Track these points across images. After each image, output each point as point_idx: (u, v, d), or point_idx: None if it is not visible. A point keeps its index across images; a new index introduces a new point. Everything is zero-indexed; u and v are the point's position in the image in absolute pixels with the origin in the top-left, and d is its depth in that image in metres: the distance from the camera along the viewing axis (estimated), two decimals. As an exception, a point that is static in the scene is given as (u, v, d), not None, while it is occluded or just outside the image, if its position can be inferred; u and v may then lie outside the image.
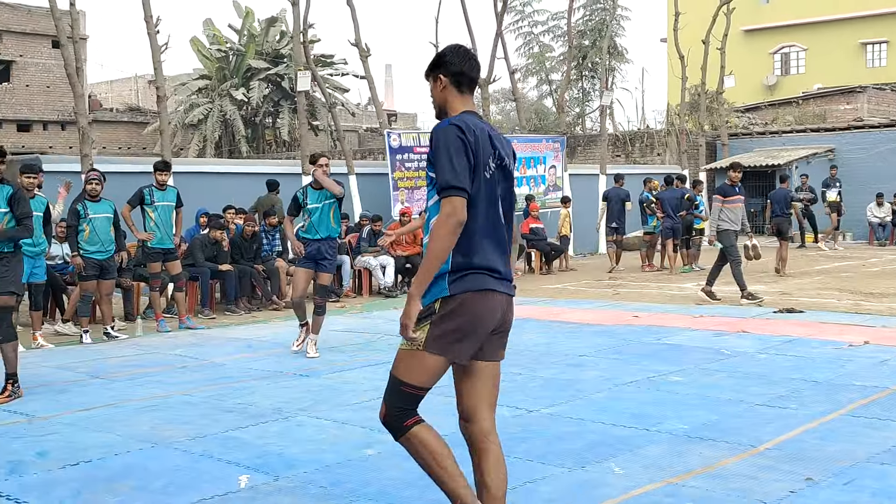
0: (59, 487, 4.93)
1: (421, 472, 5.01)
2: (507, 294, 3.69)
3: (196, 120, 37.92)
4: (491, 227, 3.65)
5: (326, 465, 5.30)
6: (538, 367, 8.33)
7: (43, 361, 8.94)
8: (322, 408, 6.78)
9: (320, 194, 9.10)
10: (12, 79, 35.72)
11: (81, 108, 14.77)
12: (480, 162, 3.57)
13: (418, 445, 3.69)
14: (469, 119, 3.64)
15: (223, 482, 5.02)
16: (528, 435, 5.94)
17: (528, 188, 21.53)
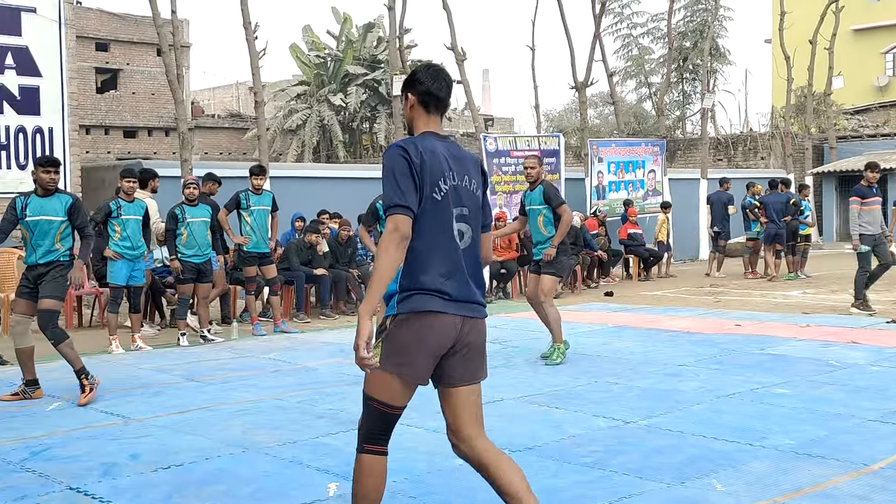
0: (151, 491, 4.95)
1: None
2: (461, 315, 3.62)
3: (294, 125, 38.47)
4: (442, 249, 3.61)
5: (416, 475, 5.21)
6: (635, 376, 8.10)
7: (140, 363, 9.09)
8: (413, 415, 6.65)
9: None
10: (119, 87, 36.82)
11: (182, 115, 15.07)
12: (427, 182, 3.55)
13: (361, 472, 3.66)
14: (423, 140, 3.64)
15: (312, 489, 4.96)
16: (624, 447, 5.74)
17: (626, 193, 21.16)
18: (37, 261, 7.40)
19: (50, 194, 7.45)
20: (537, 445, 5.80)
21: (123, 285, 9.85)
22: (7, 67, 13.23)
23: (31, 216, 7.37)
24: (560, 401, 7.11)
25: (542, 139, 20.47)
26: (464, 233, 3.67)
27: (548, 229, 8.77)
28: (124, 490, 4.97)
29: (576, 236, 16.10)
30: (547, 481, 5.06)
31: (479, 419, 3.80)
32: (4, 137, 13.20)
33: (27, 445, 5.94)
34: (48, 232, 7.39)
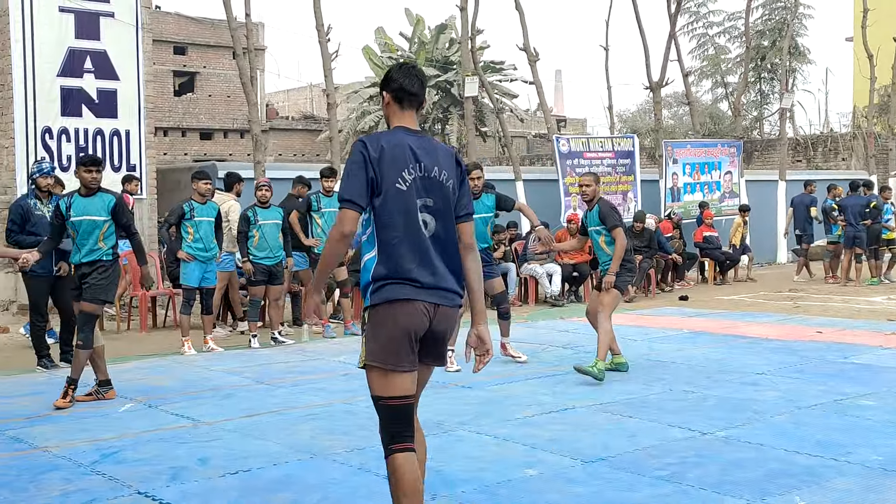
0: (218, 497, 4.92)
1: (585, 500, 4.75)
2: (432, 303, 3.74)
3: (367, 127, 38.62)
4: (409, 238, 3.74)
5: (485, 485, 5.09)
6: (711, 384, 7.86)
7: (212, 365, 9.13)
8: (483, 422, 6.57)
9: (478, 204, 8.88)
10: (196, 89, 37.41)
11: (255, 117, 15.18)
12: (387, 174, 3.70)
13: (393, 475, 3.74)
14: (390, 134, 3.83)
15: (379, 498, 4.86)
16: (701, 460, 5.54)
17: (701, 195, 20.73)
18: (80, 260, 7.43)
19: (93, 193, 7.46)
20: (610, 456, 5.63)
21: (196, 287, 9.93)
22: (86, 71, 13.47)
23: (76, 216, 7.39)
24: (633, 409, 6.92)
25: (616, 140, 20.17)
26: (427, 222, 3.78)
27: (611, 249, 8.29)
28: (192, 495, 4.94)
29: (649, 239, 15.83)
30: (620, 494, 4.90)
31: (419, 395, 3.96)
32: (83, 140, 13.44)
33: (98, 447, 5.97)
34: (92, 232, 7.41)
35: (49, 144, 13.14)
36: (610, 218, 8.22)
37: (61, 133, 13.27)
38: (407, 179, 3.74)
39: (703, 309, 13.58)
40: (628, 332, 10.91)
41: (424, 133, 3.93)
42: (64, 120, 13.30)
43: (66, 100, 13.29)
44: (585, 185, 8.40)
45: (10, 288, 12.87)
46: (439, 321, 3.79)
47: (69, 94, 13.32)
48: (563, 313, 13.17)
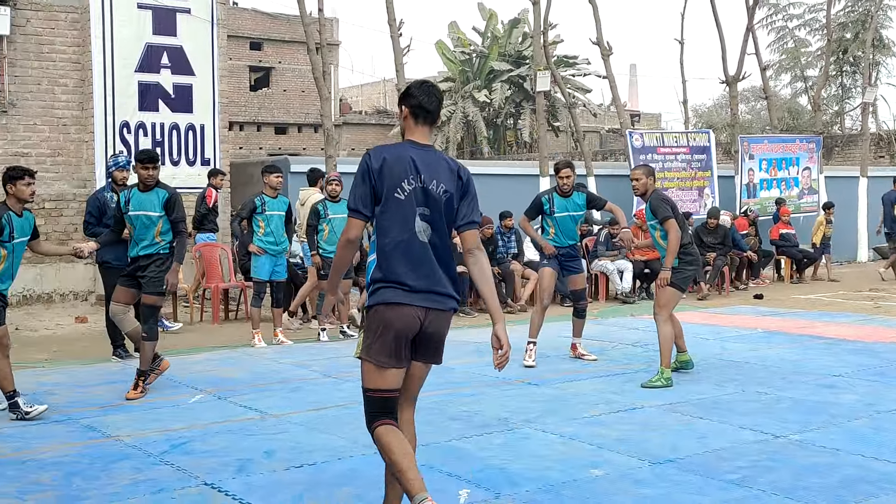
0: (283, 490, 4.93)
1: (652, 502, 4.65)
2: (423, 307, 3.99)
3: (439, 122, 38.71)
4: (404, 244, 4.00)
5: (550, 485, 5.02)
6: (786, 386, 7.66)
7: (281, 358, 9.20)
8: (549, 420, 6.50)
9: (569, 203, 8.78)
10: (271, 84, 37.86)
11: (327, 112, 15.27)
12: (387, 184, 3.99)
13: (380, 445, 4.01)
14: (395, 147, 4.10)
15: (442, 496, 4.82)
16: (773, 464, 5.39)
17: (778, 191, 20.28)
18: (138, 253, 7.49)
19: (150, 189, 7.53)
20: (679, 458, 5.51)
21: (266, 280, 10.02)
22: (163, 67, 13.68)
23: (133, 211, 7.47)
24: (704, 410, 6.77)
25: (691, 135, 19.84)
26: (424, 230, 4.04)
27: (666, 243, 7.94)
28: (257, 488, 4.97)
29: (724, 236, 15.53)
30: (689, 498, 4.79)
31: (414, 392, 4.23)
32: (160, 134, 13.66)
33: (168, 437, 6.05)
34: (148, 227, 7.47)
35: (127, 138, 13.38)
36: (660, 210, 7.83)
37: (138, 127, 13.51)
38: (406, 189, 4.01)
39: (778, 308, 13.27)
40: (700, 330, 10.71)
41: (431, 147, 4.17)
42: (141, 114, 13.54)
43: (143, 95, 13.53)
44: (635, 178, 8.06)
45: (89, 279, 13.16)
46: (430, 323, 4.03)
47: (146, 89, 13.55)
48: (634, 310, 12.99)
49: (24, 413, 6.55)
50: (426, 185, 4.04)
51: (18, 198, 6.78)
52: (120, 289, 7.67)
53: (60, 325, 11.64)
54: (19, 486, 5.05)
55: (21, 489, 4.98)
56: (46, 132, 13.46)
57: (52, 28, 13.45)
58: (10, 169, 6.92)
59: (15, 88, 13.19)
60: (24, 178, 6.79)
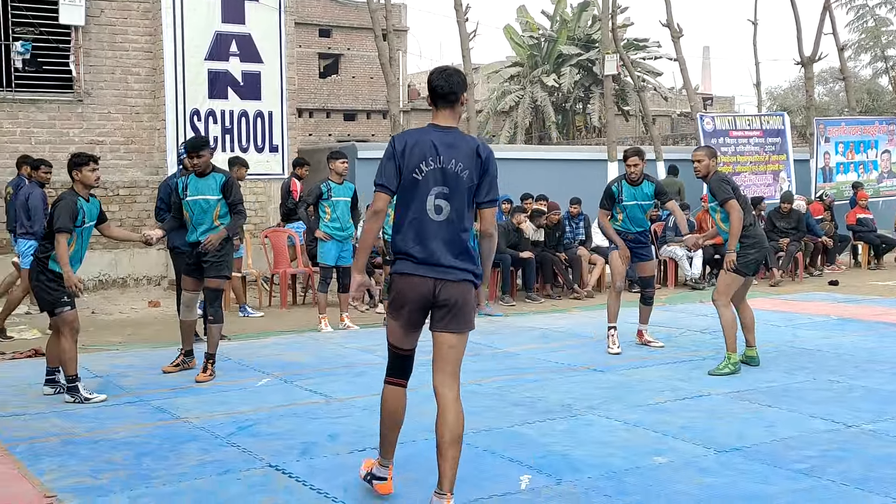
0: (345, 473, 4.99)
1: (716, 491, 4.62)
2: (431, 277, 4.34)
3: (507, 107, 38.60)
4: (417, 220, 4.36)
5: (613, 472, 4.99)
6: (860, 374, 7.50)
7: (347, 342, 9.29)
8: (613, 407, 6.46)
9: (637, 191, 8.70)
10: (340, 71, 38.16)
11: (394, 98, 15.34)
12: (407, 166, 4.33)
13: (382, 398, 4.60)
14: (417, 132, 4.44)
15: (503, 481, 4.85)
16: (844, 454, 5.28)
17: (855, 175, 19.80)
18: (197, 238, 7.62)
19: (206, 175, 7.62)
20: (745, 446, 5.43)
21: (332, 265, 10.11)
22: (232, 55, 13.87)
23: (191, 196, 7.59)
24: (773, 398, 6.66)
25: (764, 118, 19.48)
26: (442, 207, 4.35)
27: (727, 226, 7.73)
28: (320, 470, 5.04)
29: (798, 221, 15.22)
30: (754, 487, 4.72)
31: (448, 364, 4.43)
32: (229, 121, 13.86)
33: (235, 420, 6.16)
34: (207, 211, 7.59)
35: (197, 126, 13.61)
36: (720, 191, 7.57)
37: (208, 115, 13.72)
38: (424, 170, 4.33)
39: (854, 295, 12.98)
40: (772, 317, 10.53)
41: (454, 129, 4.44)
42: (211, 102, 13.75)
43: (212, 82, 13.73)
44: (697, 160, 7.80)
45: (162, 264, 13.43)
46: (440, 292, 4.35)
47: (216, 76, 13.75)
48: (703, 297, 12.78)
49: (83, 398, 6.69)
50: (445, 166, 4.34)
51: (84, 183, 6.91)
52: (186, 278, 7.82)
53: (134, 309, 11.92)
54: (93, 465, 5.19)
55: (94, 468, 5.13)
56: (120, 120, 13.75)
57: (124, 18, 13.72)
58: (76, 155, 7.06)
59: (90, 78, 13.50)
60: (89, 163, 6.92)
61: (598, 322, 10.52)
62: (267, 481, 4.89)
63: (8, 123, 13.09)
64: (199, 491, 4.74)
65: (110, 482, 4.88)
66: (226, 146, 13.73)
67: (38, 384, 7.07)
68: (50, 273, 6.75)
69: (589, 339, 9.37)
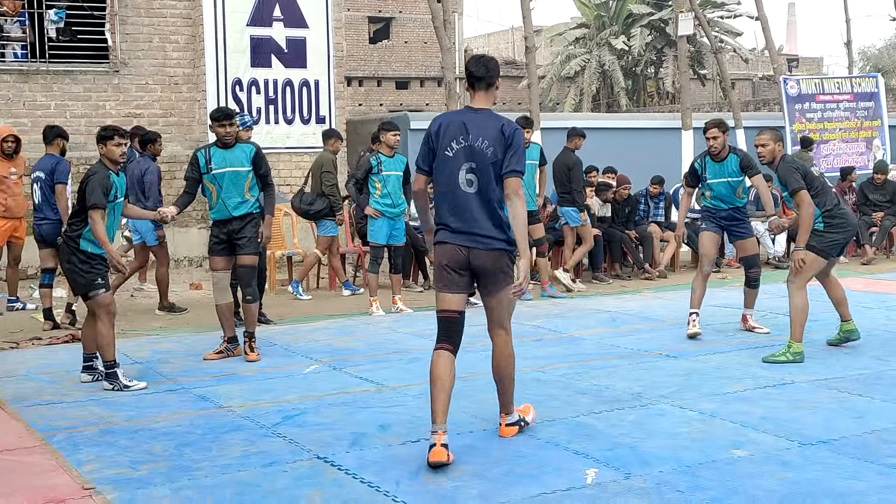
0: (398, 466, 5.02)
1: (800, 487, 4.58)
2: (464, 245, 5.15)
3: (573, 72, 38.32)
4: (449, 193, 5.20)
5: (686, 466, 4.95)
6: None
7: (399, 327, 9.34)
8: (687, 396, 6.41)
9: (722, 167, 8.57)
10: (392, 36, 38.18)
11: (449, 63, 15.33)
12: (441, 144, 5.20)
13: (431, 365, 5.18)
14: (452, 113, 5.42)
15: (567, 475, 4.85)
16: None
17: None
18: (231, 214, 7.71)
19: (231, 146, 7.72)
20: (833, 439, 5.36)
21: (384, 244, 10.15)
22: (275, 20, 13.97)
23: (217, 168, 7.66)
24: (864, 387, 6.56)
25: (856, 81, 19.10)
26: (472, 181, 5.16)
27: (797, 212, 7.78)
28: (371, 463, 5.08)
29: (892, 193, 14.90)
30: (843, 483, 4.66)
31: (493, 319, 5.38)
32: (272, 91, 13.99)
33: (281, 409, 6.23)
34: (237, 183, 7.68)
35: (239, 96, 13.76)
36: (791, 181, 7.46)
37: (251, 84, 13.86)
38: (454, 148, 5.16)
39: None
40: (863, 298, 10.35)
41: (486, 110, 5.24)
42: (253, 71, 13.88)
43: (255, 50, 13.85)
44: (762, 144, 7.73)
45: (203, 244, 13.62)
46: (474, 259, 5.16)
47: (258, 43, 13.87)
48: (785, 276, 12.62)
49: (122, 386, 6.80)
50: (472, 144, 5.14)
51: (110, 158, 6.97)
52: (217, 258, 7.88)
53: (175, 292, 12.06)
54: (132, 455, 5.29)
55: (134, 459, 5.23)
56: (158, 91, 13.95)
57: (162, -18, 13.90)
58: (102, 129, 7.15)
59: (126, 47, 13.71)
60: (114, 137, 6.98)
61: (671, 304, 10.46)
62: (315, 473, 4.94)
63: (42, 97, 13.36)
64: (243, 483, 4.80)
65: (150, 473, 4.98)
66: (269, 118, 13.85)
67: (76, 371, 7.22)
68: (82, 254, 6.86)
69: (661, 322, 9.30)
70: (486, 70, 5.23)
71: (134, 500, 4.60)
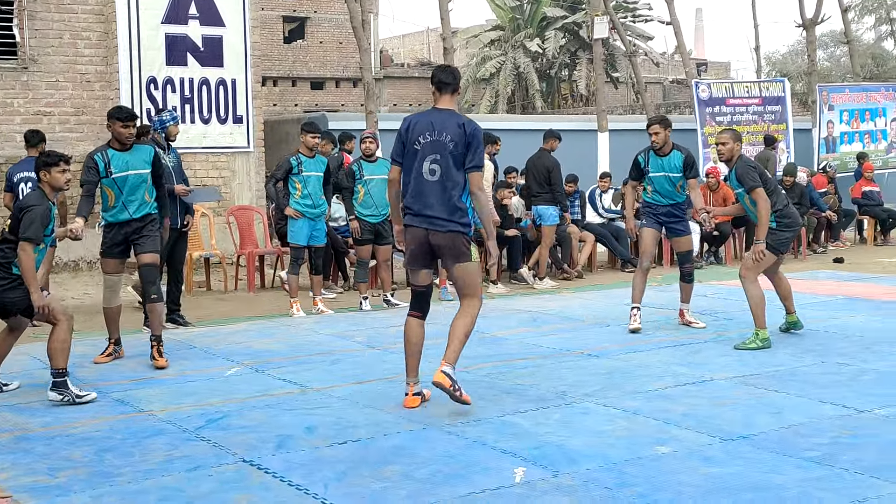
0: (324, 468, 4.98)
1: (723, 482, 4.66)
2: (423, 227, 6.00)
3: (488, 74, 38.50)
4: (414, 182, 6.04)
5: (613, 463, 5.01)
6: (870, 356, 7.58)
7: (321, 328, 9.28)
8: (611, 394, 6.49)
9: (665, 162, 8.78)
10: (307, 36, 37.86)
11: (367, 64, 15.27)
12: (410, 140, 6.06)
13: (405, 328, 6.21)
14: (421, 114, 6.22)
15: (496, 474, 4.86)
16: (857, 441, 5.34)
17: (861, 145, 19.94)
18: (131, 216, 7.55)
19: (129, 148, 7.59)
20: (752, 434, 5.48)
21: (304, 245, 10.07)
22: (191, 17, 13.76)
23: (118, 172, 7.49)
24: (780, 383, 6.71)
25: (764, 85, 19.56)
26: (434, 170, 5.98)
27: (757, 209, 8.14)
28: (297, 465, 5.03)
29: (800, 195, 15.30)
30: (763, 477, 4.76)
31: (461, 289, 6.15)
32: (188, 90, 13.76)
33: (203, 412, 6.13)
34: (139, 186, 7.56)
35: (154, 95, 13.51)
36: (747, 178, 7.90)
37: (166, 83, 13.62)
38: (421, 142, 5.99)
39: (861, 272, 13.10)
40: (775, 297, 10.57)
41: (450, 111, 6.09)
42: (169, 69, 13.64)
43: (170, 48, 13.61)
44: (721, 143, 8.16)
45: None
46: (433, 239, 6.00)
47: (174, 41, 13.64)
48: (702, 276, 12.86)
49: (76, 396, 6.41)
50: (438, 138, 5.95)
51: (53, 186, 6.58)
52: (110, 261, 7.73)
53: (88, 294, 11.83)
54: (50, 462, 5.16)
55: (52, 466, 5.09)
56: (69, 89, 13.63)
57: (73, -23, 13.57)
58: (45, 154, 6.76)
59: (36, 43, 13.36)
60: (59, 163, 6.59)
61: (590, 304, 10.60)
62: (241, 477, 4.87)
63: (-53, 94, 12.93)
64: (168, 488, 4.71)
65: (70, 480, 4.85)
66: (185, 117, 13.61)
67: (-12, 376, 6.99)
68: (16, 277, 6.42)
69: (581, 322, 9.41)
70: (452, 77, 6.16)
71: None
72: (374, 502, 4.49)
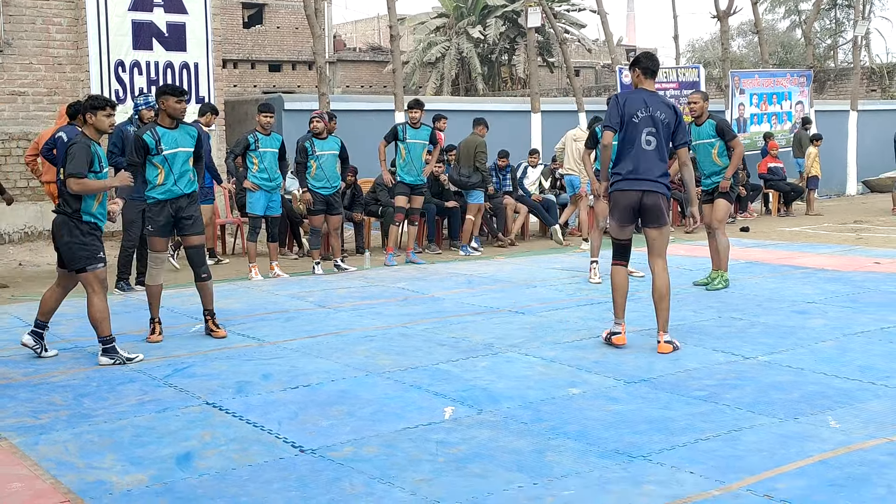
0: (279, 409, 5.27)
1: (623, 417, 5.02)
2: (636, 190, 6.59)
3: (434, 58, 38.55)
4: (632, 150, 6.61)
5: (529, 402, 5.36)
6: (761, 312, 8.00)
7: (277, 290, 9.51)
8: (532, 345, 6.84)
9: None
10: (265, 21, 37.65)
11: (320, 49, 15.37)
12: (626, 113, 6.57)
13: (611, 276, 6.78)
14: (632, 91, 6.79)
15: (428, 412, 5.18)
16: (740, 382, 5.74)
17: (769, 126, 20.46)
18: (181, 192, 7.23)
19: (177, 126, 7.26)
20: (652, 377, 5.86)
21: (261, 215, 10.27)
22: (155, 5, 13.79)
23: (168, 149, 7.16)
24: (681, 335, 7.07)
25: (681, 71, 19.98)
26: (650, 141, 6.56)
27: (722, 160, 9.31)
28: (255, 407, 5.31)
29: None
30: (657, 412, 5.13)
31: (654, 249, 6.72)
32: (154, 73, 13.82)
33: (170, 363, 6.39)
34: (185, 162, 7.24)
35: (122, 77, 13.55)
36: (728, 130, 9.26)
37: (133, 66, 13.67)
38: (640, 116, 6.55)
39: (763, 240, 13.58)
40: (684, 262, 11.03)
41: (655, 92, 6.73)
42: (135, 53, 13.68)
43: (136, 34, 13.65)
44: (693, 101, 9.28)
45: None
46: (647, 199, 6.56)
47: (139, 27, 13.67)
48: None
49: (126, 359, 6.40)
50: (653, 114, 6.57)
51: (97, 128, 6.47)
52: (160, 240, 7.40)
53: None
54: (33, 406, 5.38)
55: (35, 409, 5.32)
56: (42, 71, 13.63)
57: (44, -34, 13.54)
58: (92, 98, 6.62)
59: (10, 28, 13.33)
60: (106, 108, 6.47)
61: (521, 268, 10.94)
62: (205, 417, 5.15)
63: (-74, 75, 12.88)
64: (140, 427, 4.97)
65: (52, 421, 5.09)
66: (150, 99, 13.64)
67: (-27, 333, 7.15)
68: (85, 225, 6.43)
69: (511, 283, 9.75)
70: (655, 64, 6.71)
71: (38, 444, 4.72)
72: (322, 437, 4.79)
